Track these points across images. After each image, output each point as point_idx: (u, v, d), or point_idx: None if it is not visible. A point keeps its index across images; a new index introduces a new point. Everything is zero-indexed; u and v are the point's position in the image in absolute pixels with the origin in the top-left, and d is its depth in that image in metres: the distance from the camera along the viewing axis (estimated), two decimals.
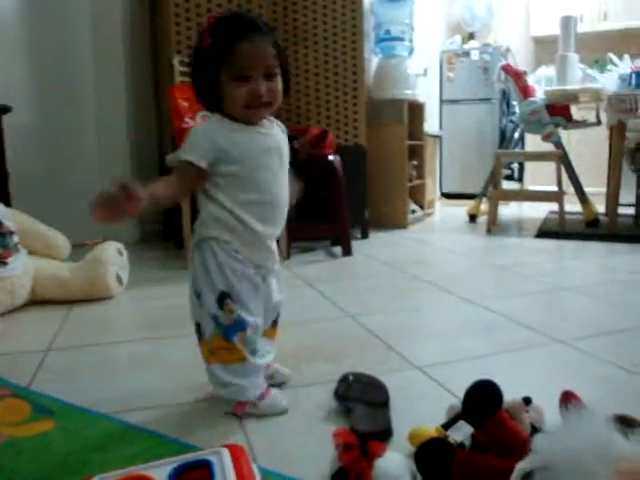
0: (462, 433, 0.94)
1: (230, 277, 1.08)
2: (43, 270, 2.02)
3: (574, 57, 3.86)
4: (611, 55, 3.71)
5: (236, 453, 0.72)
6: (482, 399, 0.88)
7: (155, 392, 1.26)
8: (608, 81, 3.59)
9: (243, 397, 1.11)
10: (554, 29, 4.27)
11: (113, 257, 2.12)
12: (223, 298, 1.07)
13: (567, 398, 0.96)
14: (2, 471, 0.94)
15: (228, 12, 1.12)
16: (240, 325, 1.09)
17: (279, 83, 1.08)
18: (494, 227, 3.59)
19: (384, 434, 1.02)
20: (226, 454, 0.71)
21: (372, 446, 0.87)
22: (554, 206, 3.51)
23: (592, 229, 3.54)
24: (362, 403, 1.11)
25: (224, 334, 1.08)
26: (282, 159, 1.14)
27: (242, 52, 1.02)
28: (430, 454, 0.87)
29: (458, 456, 0.85)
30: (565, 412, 0.80)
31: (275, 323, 1.25)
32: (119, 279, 2.13)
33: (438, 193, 5.27)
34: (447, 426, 0.96)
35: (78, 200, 3.08)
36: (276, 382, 1.25)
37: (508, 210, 4.64)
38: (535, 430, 0.92)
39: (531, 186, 5.30)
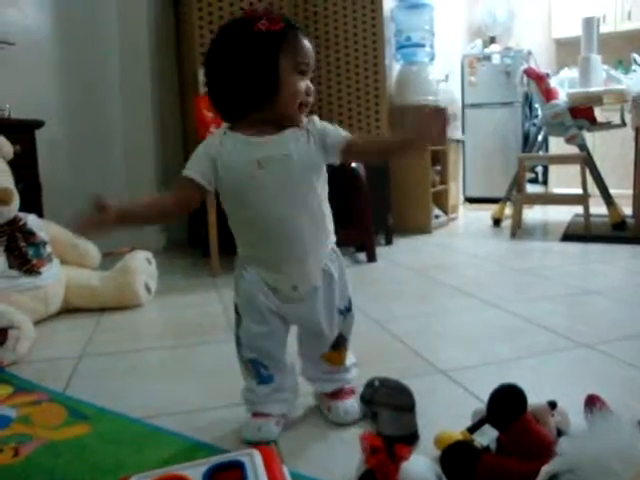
0: (487, 437, 0.95)
1: (236, 294, 1.09)
2: (75, 279, 2.08)
3: (597, 59, 3.83)
4: (635, 55, 3.68)
5: (267, 455, 0.74)
6: (506, 403, 0.89)
7: (185, 397, 1.29)
8: (632, 82, 3.55)
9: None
10: (576, 30, 4.24)
11: (142, 266, 2.17)
12: (235, 311, 1.10)
13: (592, 402, 0.97)
14: (41, 473, 0.98)
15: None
16: (237, 342, 1.10)
17: None
18: (519, 231, 3.57)
19: (410, 438, 1.03)
20: (258, 456, 0.74)
21: (398, 449, 0.88)
22: (579, 209, 3.48)
23: (618, 232, 3.49)
24: (388, 407, 1.12)
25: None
26: (290, 169, 1.00)
27: (306, 45, 1.01)
28: (455, 457, 0.88)
29: (483, 459, 0.87)
30: (590, 416, 0.81)
31: (336, 346, 1.15)
32: (148, 288, 2.18)
33: (462, 198, 5.25)
34: (472, 430, 0.97)
35: None
36: (332, 419, 1.14)
37: (533, 214, 4.61)
38: (561, 434, 0.93)
39: (556, 189, 5.26)
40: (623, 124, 3.79)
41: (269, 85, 0.97)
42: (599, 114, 3.93)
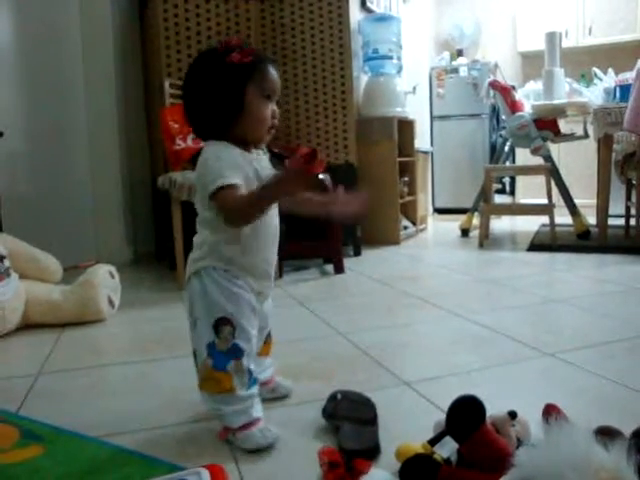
0: (448, 449, 0.94)
1: (230, 304, 1.08)
2: (35, 294, 2.03)
3: (559, 72, 3.91)
4: (595, 69, 3.77)
5: (216, 473, 0.72)
6: (465, 414, 0.88)
7: (146, 414, 1.26)
8: (594, 95, 3.64)
9: (227, 423, 1.09)
10: (540, 44, 4.33)
11: (105, 280, 2.13)
12: (220, 325, 1.07)
13: (549, 411, 0.97)
14: None
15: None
16: (236, 352, 1.07)
17: None
18: (486, 241, 3.61)
19: (371, 452, 1.02)
20: (206, 474, 0.72)
21: (357, 464, 0.87)
22: (546, 219, 3.54)
23: (583, 241, 3.56)
24: (350, 421, 1.11)
25: (216, 363, 1.07)
26: None
27: (272, 74, 1.13)
28: (415, 470, 0.87)
29: (443, 472, 0.86)
30: (547, 425, 0.81)
31: (268, 339, 1.29)
32: (111, 302, 2.13)
33: (430, 209, 5.30)
34: (433, 442, 0.96)
35: (70, 223, 3.12)
36: (277, 395, 1.31)
37: (500, 224, 4.67)
38: (521, 444, 0.93)
39: (523, 199, 5.34)
40: (586, 136, 3.87)
41: (237, 107, 1.09)
42: (563, 126, 4.01)
